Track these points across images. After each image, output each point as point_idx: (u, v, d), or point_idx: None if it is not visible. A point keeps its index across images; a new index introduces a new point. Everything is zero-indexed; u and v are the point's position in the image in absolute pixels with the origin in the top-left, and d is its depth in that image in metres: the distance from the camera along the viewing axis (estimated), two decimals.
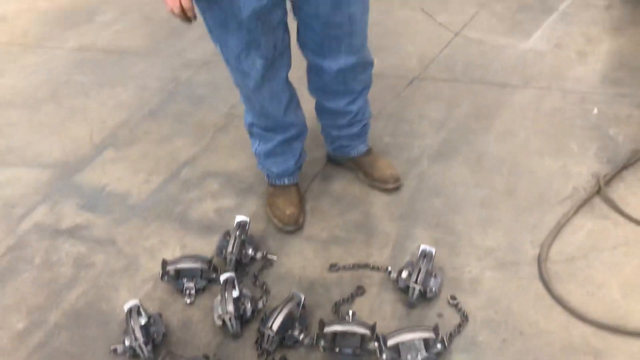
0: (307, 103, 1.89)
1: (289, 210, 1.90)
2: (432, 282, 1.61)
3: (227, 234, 1.78)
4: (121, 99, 2.68)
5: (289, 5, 1.59)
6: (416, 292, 1.59)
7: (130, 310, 1.55)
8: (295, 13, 1.61)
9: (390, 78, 2.56)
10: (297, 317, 1.54)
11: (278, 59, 1.63)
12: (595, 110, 2.23)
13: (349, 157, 2.06)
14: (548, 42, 2.67)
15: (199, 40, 2.86)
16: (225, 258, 1.74)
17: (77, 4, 3.60)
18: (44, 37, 3.27)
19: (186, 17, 1.42)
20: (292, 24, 1.64)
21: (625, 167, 1.97)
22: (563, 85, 2.39)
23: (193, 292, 1.69)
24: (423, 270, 1.59)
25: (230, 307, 1.54)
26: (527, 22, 2.82)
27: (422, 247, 1.65)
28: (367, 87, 1.87)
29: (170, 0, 1.39)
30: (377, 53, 2.67)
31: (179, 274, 1.71)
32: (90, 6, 3.54)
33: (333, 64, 1.70)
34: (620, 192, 1.89)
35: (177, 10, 1.40)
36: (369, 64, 1.80)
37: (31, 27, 3.40)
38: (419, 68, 2.62)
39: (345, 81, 1.77)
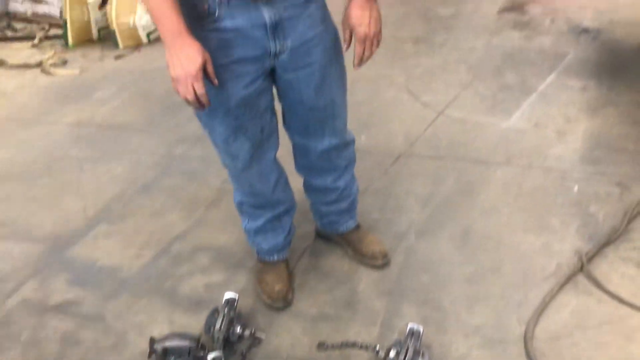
0: (297, 177, 1.95)
1: (278, 287, 1.92)
2: None
3: (215, 311, 1.79)
4: (116, 173, 2.73)
5: (274, 91, 1.68)
6: None
7: None
8: (280, 99, 1.70)
9: (378, 155, 2.65)
10: None
11: (266, 142, 1.70)
12: (576, 188, 2.31)
13: (338, 232, 2.11)
14: (528, 121, 2.78)
15: (192, 116, 2.95)
16: (213, 336, 1.74)
17: (76, 81, 3.72)
18: (43, 112, 3.36)
19: (200, 103, 1.46)
20: (279, 105, 1.72)
21: (606, 244, 2.03)
22: (544, 163, 2.48)
23: None
24: (411, 350, 1.61)
25: None
26: (508, 102, 2.95)
27: (410, 325, 1.67)
28: (351, 163, 1.95)
29: (182, 88, 1.42)
30: (365, 130, 2.81)
31: (167, 352, 1.70)
32: (89, 83, 3.66)
33: (318, 145, 1.78)
34: (602, 269, 1.94)
35: (191, 97, 1.43)
36: (351, 142, 1.89)
37: (30, 102, 3.50)
38: (405, 145, 2.71)
39: (330, 159, 1.84)
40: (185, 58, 1.39)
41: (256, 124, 1.64)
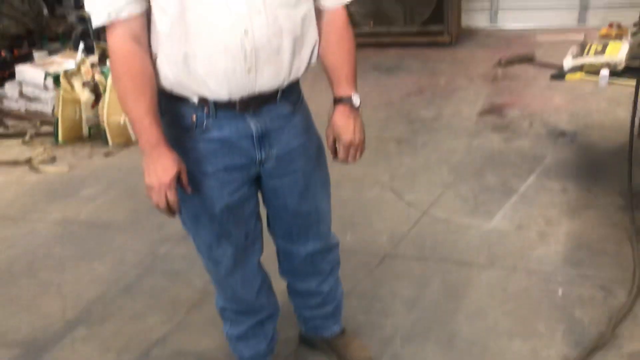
0: (280, 280, 1.93)
1: None
2: None
3: None
4: (98, 273, 2.70)
5: (260, 196, 1.71)
6: None
7: None
8: (265, 204, 1.73)
9: (362, 255, 2.65)
10: None
11: (250, 247, 1.71)
12: (560, 292, 2.31)
13: (323, 338, 2.06)
14: (510, 222, 2.82)
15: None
16: None
17: (64, 178, 3.75)
18: (28, 210, 3.36)
19: (171, 211, 1.50)
20: (264, 210, 1.74)
21: (593, 350, 2.00)
22: (527, 265, 2.50)
23: None
24: None
25: None
26: (490, 203, 3.00)
27: None
28: (336, 266, 1.94)
29: (155, 195, 1.47)
30: (350, 229, 2.83)
31: None
32: (77, 180, 3.70)
33: (302, 249, 1.79)
34: None
35: (162, 205, 1.47)
36: (335, 245, 1.90)
37: (17, 199, 3.51)
38: (390, 245, 2.73)
39: (314, 263, 1.85)
40: (160, 168, 1.44)
41: (241, 230, 1.65)
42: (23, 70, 4.76)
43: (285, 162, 1.61)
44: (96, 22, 1.41)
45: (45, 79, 4.53)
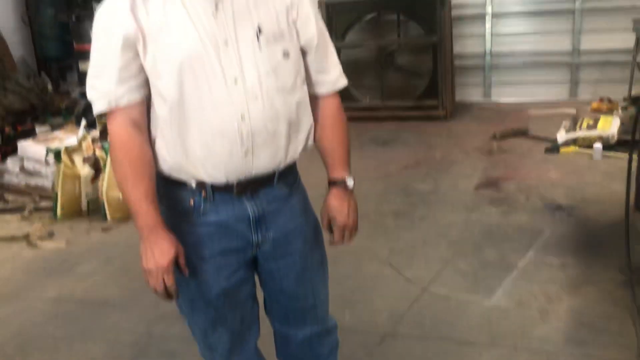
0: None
1: None
2: None
3: None
4: (91, 355, 2.64)
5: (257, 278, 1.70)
6: None
7: None
8: (262, 286, 1.72)
9: (362, 335, 2.60)
10: None
11: (246, 331, 1.69)
12: None
13: None
14: (510, 299, 2.79)
15: None
16: None
17: (61, 254, 3.73)
18: (23, 287, 3.32)
19: (169, 295, 1.48)
20: (261, 292, 1.72)
21: None
22: (529, 344, 2.45)
23: None
24: None
25: None
26: (490, 279, 2.97)
27: None
28: (334, 349, 1.90)
29: (153, 279, 1.46)
30: (349, 307, 2.79)
31: None
32: (73, 256, 3.67)
33: (299, 333, 1.76)
34: None
35: (160, 288, 1.47)
36: (333, 328, 1.86)
37: (13, 276, 3.48)
38: (390, 324, 2.68)
39: (311, 347, 1.81)
40: (158, 251, 1.44)
41: (237, 314, 1.63)
42: (25, 146, 4.83)
43: (282, 245, 1.61)
44: (97, 109, 1.45)
45: (46, 154, 4.59)
